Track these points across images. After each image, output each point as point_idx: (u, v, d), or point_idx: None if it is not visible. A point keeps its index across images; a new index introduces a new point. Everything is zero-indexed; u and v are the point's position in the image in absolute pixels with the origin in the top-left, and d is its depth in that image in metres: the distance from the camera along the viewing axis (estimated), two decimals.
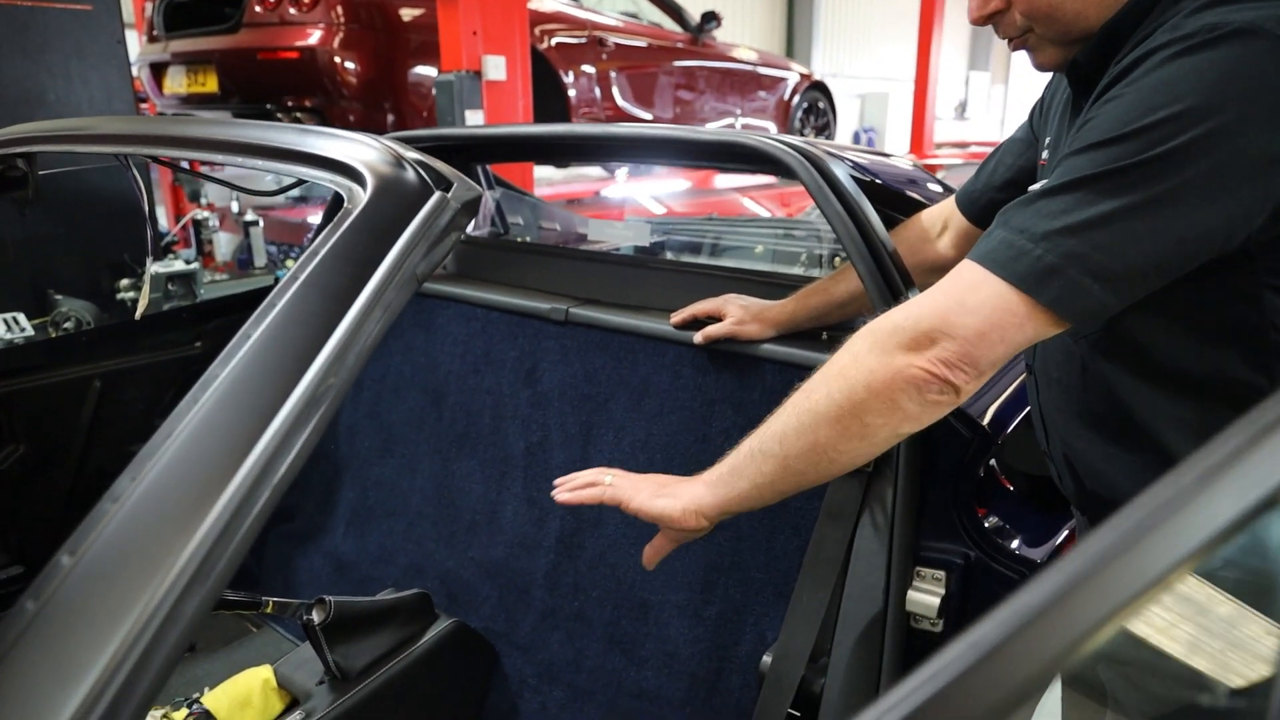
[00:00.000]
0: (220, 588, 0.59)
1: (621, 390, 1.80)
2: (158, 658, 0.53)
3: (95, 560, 0.56)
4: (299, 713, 1.57)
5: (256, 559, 2.38)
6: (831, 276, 1.60)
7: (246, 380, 0.67)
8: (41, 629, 0.53)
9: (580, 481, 1.15)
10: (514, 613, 1.88)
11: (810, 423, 0.95)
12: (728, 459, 1.05)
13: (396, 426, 2.25)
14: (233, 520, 0.60)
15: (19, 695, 0.51)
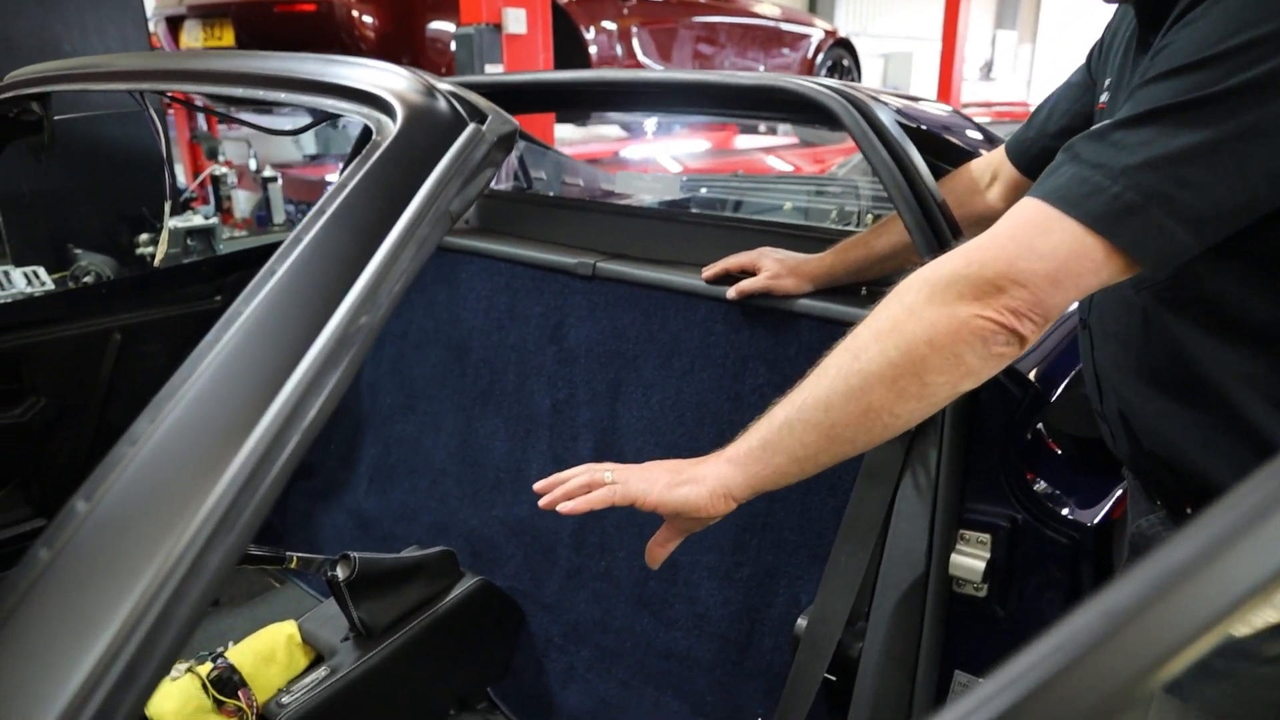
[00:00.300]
0: (246, 539, 0.55)
1: (650, 347, 1.75)
2: (180, 612, 0.49)
3: (112, 507, 0.52)
4: (324, 669, 1.55)
5: (280, 515, 2.37)
6: (873, 230, 1.53)
7: (272, 318, 0.62)
8: (56, 579, 0.49)
9: (577, 484, 1.00)
10: (539, 572, 1.86)
11: (861, 385, 0.87)
12: (755, 432, 0.95)
13: (419, 383, 2.21)
14: (259, 467, 0.55)
15: (32, 650, 0.47)
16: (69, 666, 0.46)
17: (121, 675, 0.47)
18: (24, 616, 0.48)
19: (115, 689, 0.46)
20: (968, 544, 1.27)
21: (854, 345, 0.90)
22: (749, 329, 1.61)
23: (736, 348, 1.62)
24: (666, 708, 1.59)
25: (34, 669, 0.47)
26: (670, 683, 1.61)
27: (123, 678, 0.47)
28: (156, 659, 0.48)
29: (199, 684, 1.50)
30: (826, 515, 1.49)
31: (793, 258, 1.56)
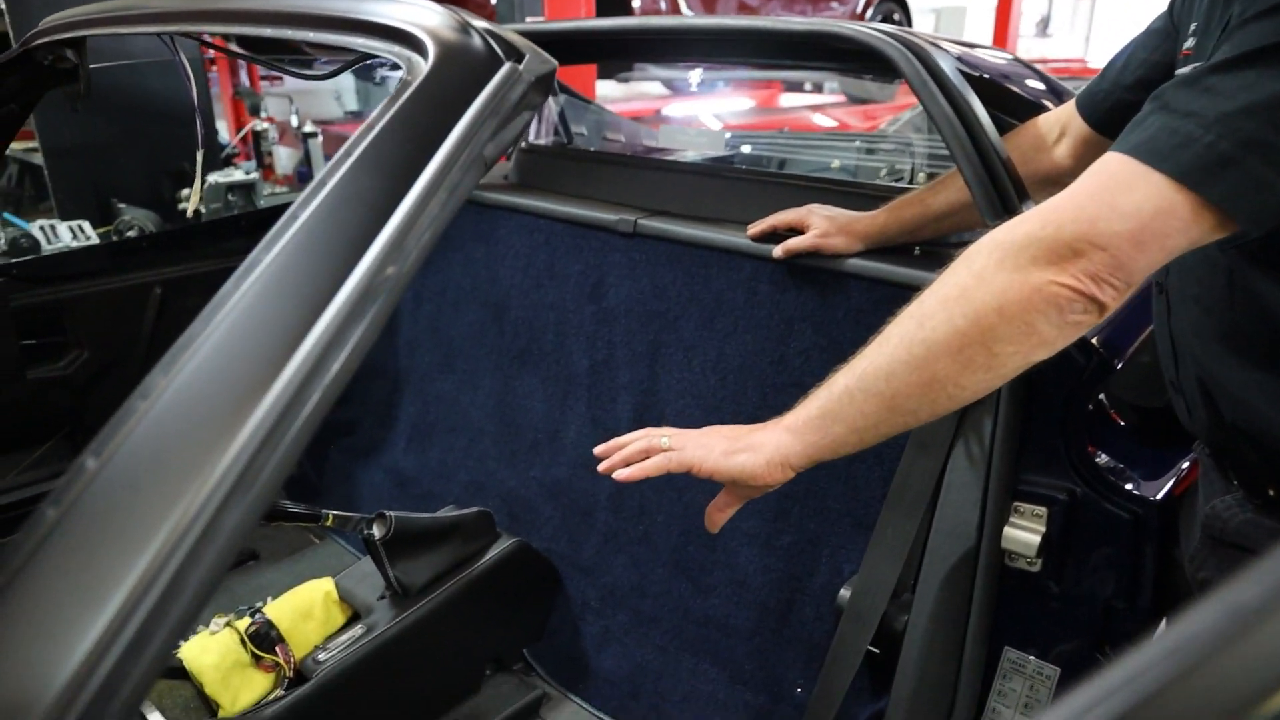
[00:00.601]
0: (266, 499, 0.52)
1: (692, 307, 1.70)
2: (195, 576, 0.46)
3: (123, 464, 0.49)
4: (360, 626, 1.55)
5: (318, 472, 2.37)
6: (929, 187, 1.46)
7: (294, 268, 0.59)
8: (63, 539, 0.47)
9: (635, 449, 1.00)
10: (576, 534, 1.84)
11: (925, 355, 0.82)
12: (814, 401, 0.92)
13: (457, 341, 2.19)
14: (279, 423, 0.52)
15: (39, 613, 0.45)
16: (77, 631, 0.44)
17: (133, 641, 0.44)
18: (31, 578, 0.45)
19: (126, 655, 0.44)
20: (1022, 517, 1.21)
21: (918, 312, 0.84)
22: (795, 289, 1.55)
23: (782, 309, 1.56)
24: (704, 674, 1.57)
25: (41, 633, 0.44)
26: (707, 649, 1.58)
27: (134, 643, 0.44)
28: (170, 624, 0.45)
29: (237, 638, 1.50)
30: (873, 484, 1.44)
31: (843, 215, 1.49)
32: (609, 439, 1.85)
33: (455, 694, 1.66)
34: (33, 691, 0.42)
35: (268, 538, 2.19)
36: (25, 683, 0.42)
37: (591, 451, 1.83)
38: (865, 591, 1.29)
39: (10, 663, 0.43)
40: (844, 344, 1.50)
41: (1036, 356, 0.82)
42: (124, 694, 0.43)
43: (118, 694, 0.43)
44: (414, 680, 1.57)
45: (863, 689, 1.36)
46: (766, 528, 1.56)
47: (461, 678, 1.67)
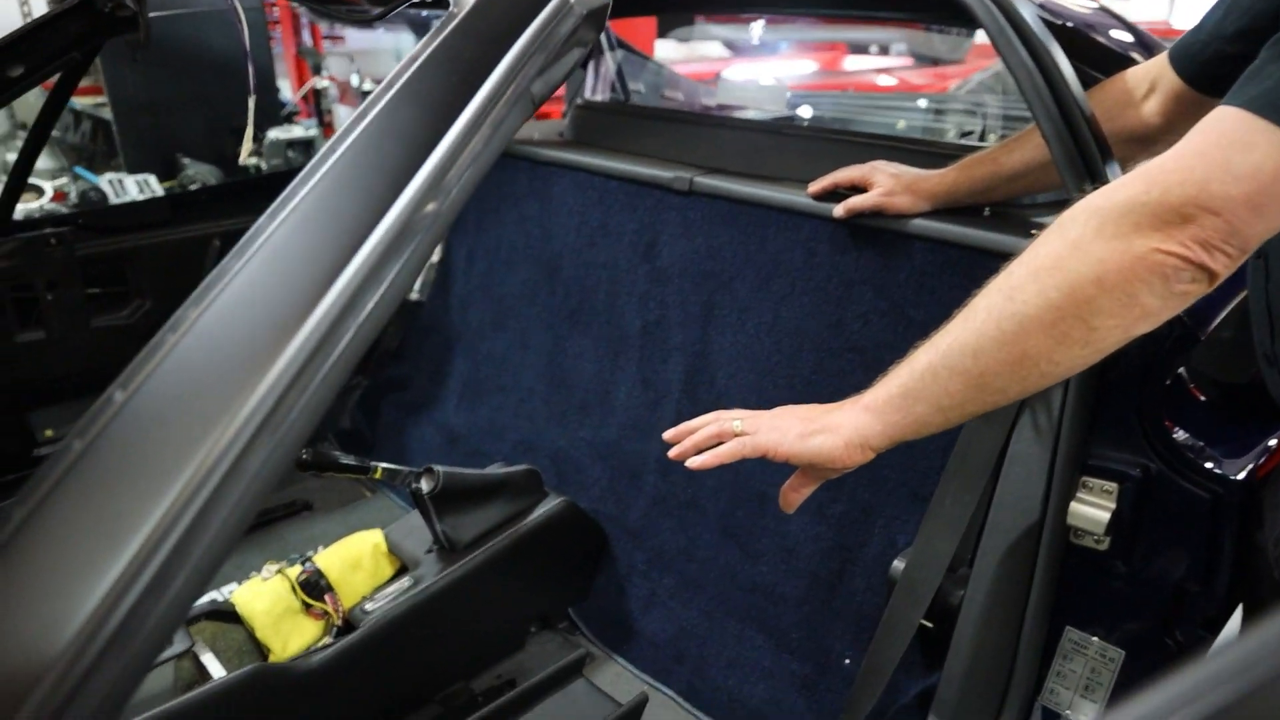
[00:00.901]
0: (296, 443, 0.50)
1: (748, 268, 1.65)
2: (218, 516, 0.45)
3: (150, 398, 0.48)
4: (407, 579, 1.55)
5: (371, 427, 2.40)
6: (1003, 145, 1.38)
7: (332, 200, 0.56)
8: (87, 473, 0.45)
9: (706, 434, 0.95)
10: (624, 497, 1.82)
11: (1016, 330, 0.77)
12: (895, 378, 0.88)
13: (508, 300, 2.18)
14: (310, 361, 0.50)
15: (60, 548, 0.43)
16: (98, 567, 0.42)
17: (153, 580, 0.43)
18: (53, 511, 0.44)
19: (146, 594, 0.42)
20: (1091, 492, 1.15)
21: (1007, 285, 0.79)
22: (856, 250, 1.49)
23: (841, 270, 1.51)
24: (749, 641, 1.54)
25: (61, 568, 0.43)
26: (754, 616, 1.56)
27: (154, 583, 0.43)
28: (191, 565, 0.44)
29: (288, 586, 1.53)
30: (931, 454, 1.38)
31: (909, 173, 1.43)
32: (659, 401, 1.83)
33: (500, 650, 1.66)
34: (50, 630, 0.41)
35: (321, 489, 2.22)
36: (43, 621, 0.41)
37: (641, 413, 1.82)
38: (920, 564, 1.24)
39: (31, 599, 0.42)
40: (905, 308, 1.45)
41: (1138, 330, 0.76)
42: (143, 636, 0.42)
43: (136, 635, 0.42)
44: (459, 634, 1.58)
45: (913, 663, 1.32)
46: (818, 496, 1.50)
47: (506, 634, 1.68)
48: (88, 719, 0.40)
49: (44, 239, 1.88)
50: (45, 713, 0.39)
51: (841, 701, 1.38)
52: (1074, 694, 1.20)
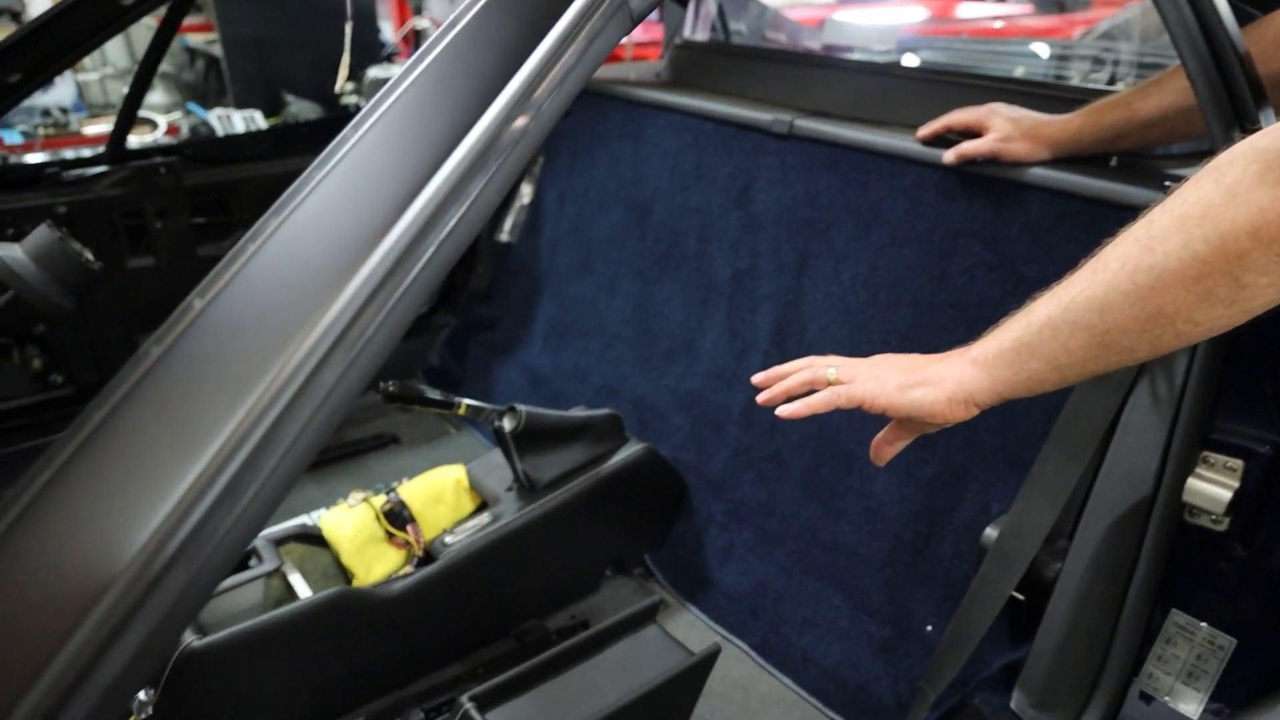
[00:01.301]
0: (372, 364, 0.48)
1: (847, 216, 1.58)
2: (289, 432, 0.43)
3: (227, 307, 0.47)
4: (486, 515, 1.57)
5: (459, 366, 2.43)
6: (1138, 88, 1.26)
7: (418, 111, 0.54)
8: (162, 380, 0.45)
9: (797, 380, 0.91)
10: (706, 447, 1.79)
11: (1151, 284, 0.70)
12: (1007, 331, 0.82)
13: (598, 244, 2.15)
14: (389, 277, 0.48)
15: (133, 455, 0.43)
16: (170, 476, 0.42)
17: (223, 493, 0.42)
18: (128, 416, 0.44)
19: (215, 507, 0.41)
20: (1212, 468, 1.07)
21: (1146, 234, 0.72)
22: (965, 200, 1.40)
23: (947, 221, 1.42)
24: (827, 600, 1.51)
25: (134, 475, 0.42)
26: (833, 575, 1.52)
27: (224, 495, 0.42)
28: (261, 479, 0.43)
29: (373, 515, 1.56)
30: (1034, 418, 1.31)
31: (1028, 118, 1.33)
32: (746, 351, 1.79)
33: (575, 591, 1.68)
34: (121, 536, 0.40)
35: (408, 424, 2.27)
36: (115, 526, 0.41)
37: (727, 363, 1.78)
38: (1015, 533, 1.18)
39: (102, 506, 0.42)
40: (1016, 263, 1.36)
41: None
42: (213, 548, 0.41)
43: (206, 547, 0.41)
44: (535, 572, 1.59)
45: (1001, 635, 1.26)
46: (908, 456, 1.45)
47: (582, 576, 1.69)
48: (156, 626, 0.39)
49: (154, 168, 1.93)
50: (114, 618, 0.39)
51: (921, 669, 1.33)
52: (1175, 680, 1.13)
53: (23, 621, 0.40)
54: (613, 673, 1.24)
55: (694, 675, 1.27)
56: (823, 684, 1.44)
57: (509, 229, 2.43)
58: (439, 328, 2.48)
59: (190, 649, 1.22)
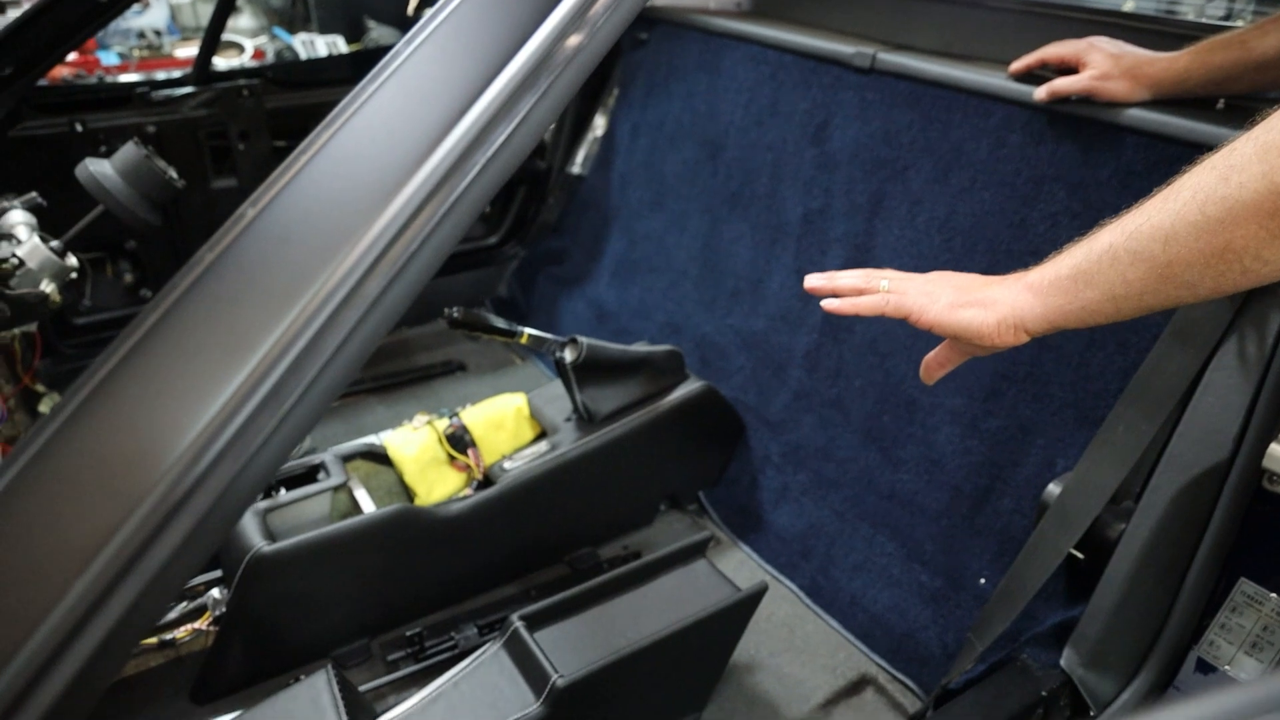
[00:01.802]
0: (417, 280, 0.48)
1: (926, 157, 1.52)
2: (331, 342, 0.44)
3: (278, 216, 0.47)
4: (545, 444, 1.60)
5: (526, 297, 2.45)
6: (1256, 25, 1.17)
7: (467, 27, 0.53)
8: (212, 285, 0.46)
9: (849, 282, 0.92)
10: (767, 388, 1.78)
11: (1222, 216, 0.66)
12: (1067, 258, 0.79)
13: (669, 179, 2.13)
14: (436, 192, 0.48)
15: (180, 355, 0.44)
16: (217, 379, 0.43)
17: (267, 397, 0.43)
18: (179, 320, 0.45)
19: (259, 410, 0.43)
20: None
21: (1225, 163, 0.67)
22: (1053, 142, 1.33)
23: (1032, 164, 1.36)
24: (880, 547, 1.50)
25: (182, 377, 0.44)
26: (887, 522, 1.50)
27: (268, 399, 0.43)
28: (303, 386, 0.44)
29: (436, 437, 1.60)
30: (1109, 374, 1.26)
31: (1130, 54, 1.24)
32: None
33: (629, 522, 1.70)
34: (168, 435, 0.42)
35: (475, 353, 2.31)
36: (162, 425, 0.43)
37: (793, 305, 1.75)
38: (1078, 490, 1.14)
39: (150, 407, 0.43)
40: (1103, 211, 1.27)
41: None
42: (257, 450, 0.42)
43: (250, 447, 0.42)
44: (590, 502, 1.62)
45: (1055, 593, 1.24)
46: (974, 408, 1.42)
47: (636, 508, 1.71)
48: (200, 519, 0.41)
49: (237, 90, 1.97)
50: (163, 509, 0.41)
51: (969, 620, 1.32)
52: (1237, 650, 1.09)
53: (81, 510, 0.42)
54: (660, 603, 1.26)
55: (740, 611, 1.28)
56: (869, 628, 1.44)
57: (581, 161, 2.42)
58: (508, 259, 2.50)
59: (260, 554, 1.29)
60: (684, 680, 1.29)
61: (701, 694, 1.33)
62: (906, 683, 1.37)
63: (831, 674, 1.40)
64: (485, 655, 1.20)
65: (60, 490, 0.42)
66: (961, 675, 1.23)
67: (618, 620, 1.23)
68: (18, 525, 0.42)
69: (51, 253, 1.43)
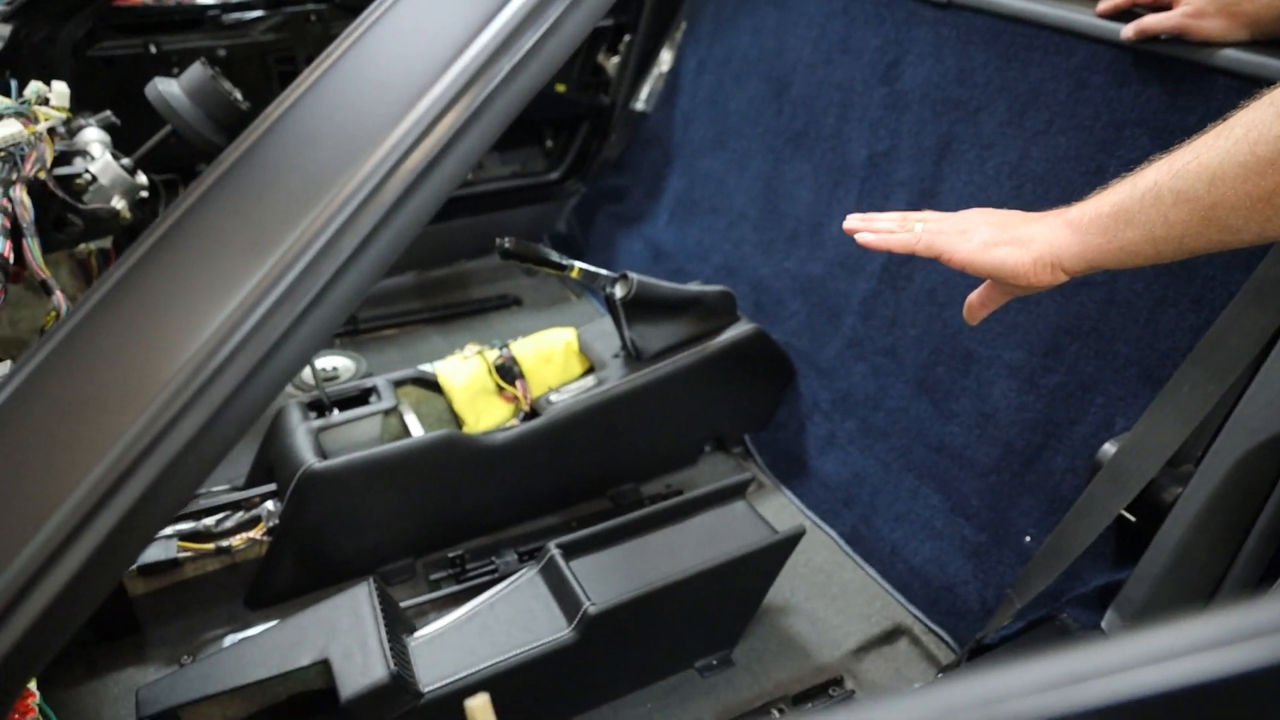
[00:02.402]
0: (440, 189, 0.48)
1: (1000, 98, 1.45)
2: (346, 245, 0.44)
3: (302, 117, 0.47)
4: (592, 379, 1.60)
5: (585, 234, 2.44)
6: None
7: None
8: (234, 184, 0.46)
9: (883, 222, 0.92)
10: (820, 334, 1.75)
11: (1274, 157, 0.62)
12: (1111, 194, 0.76)
13: (733, 117, 2.07)
14: (453, 105, 0.47)
15: (201, 251, 0.45)
16: (235, 277, 0.44)
17: (283, 295, 0.43)
18: (201, 217, 0.46)
19: (275, 308, 0.43)
20: None
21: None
22: (1138, 84, 1.25)
23: (1114, 108, 1.28)
24: (924, 499, 1.47)
25: (202, 272, 0.45)
26: (934, 474, 1.48)
27: (284, 298, 0.43)
28: (314, 291, 0.44)
29: (486, 368, 1.62)
30: (1180, 333, 1.20)
31: None
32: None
33: (672, 461, 1.70)
34: (185, 333, 0.43)
35: (532, 288, 2.32)
36: (180, 322, 0.43)
37: (852, 250, 1.71)
38: (1136, 450, 1.10)
39: (171, 299, 0.44)
40: None
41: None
42: (270, 349, 0.43)
43: (264, 346, 0.43)
44: (634, 439, 1.63)
45: (1102, 555, 1.20)
46: (1032, 362, 1.37)
47: (680, 447, 1.71)
48: (216, 411, 0.42)
49: (305, 15, 1.98)
50: (180, 401, 0.42)
51: (1011, 577, 1.29)
52: None
53: (105, 398, 0.43)
54: (696, 541, 1.27)
55: (775, 553, 1.28)
56: (908, 579, 1.43)
57: (645, 97, 2.37)
58: (568, 195, 2.49)
59: (312, 470, 1.33)
60: (715, 617, 1.30)
61: (733, 632, 1.34)
62: (941, 635, 1.35)
63: (866, 621, 1.39)
64: (522, 580, 1.23)
65: (85, 375, 0.43)
66: (998, 631, 1.21)
67: (653, 555, 1.25)
68: (51, 403, 0.44)
69: (123, 170, 1.47)
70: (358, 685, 1.03)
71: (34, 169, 1.39)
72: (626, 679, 1.28)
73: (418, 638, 1.15)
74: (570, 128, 2.45)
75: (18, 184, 1.36)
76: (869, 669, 1.32)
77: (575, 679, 1.21)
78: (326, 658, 1.07)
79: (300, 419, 1.45)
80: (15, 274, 1.31)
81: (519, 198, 2.44)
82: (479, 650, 1.13)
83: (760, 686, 1.29)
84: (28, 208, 1.35)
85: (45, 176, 1.40)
